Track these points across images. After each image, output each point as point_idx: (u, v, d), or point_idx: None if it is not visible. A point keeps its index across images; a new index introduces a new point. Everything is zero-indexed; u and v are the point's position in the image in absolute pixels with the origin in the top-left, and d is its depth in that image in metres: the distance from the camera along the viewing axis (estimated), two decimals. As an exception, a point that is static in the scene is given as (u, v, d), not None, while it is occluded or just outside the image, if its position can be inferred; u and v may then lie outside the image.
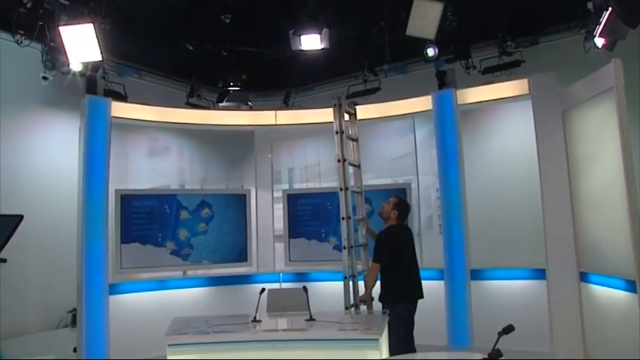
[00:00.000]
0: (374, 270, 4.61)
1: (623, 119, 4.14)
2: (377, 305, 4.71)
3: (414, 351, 4.58)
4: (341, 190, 4.93)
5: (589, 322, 4.82)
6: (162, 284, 5.82)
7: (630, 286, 4.08)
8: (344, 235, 4.82)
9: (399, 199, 4.96)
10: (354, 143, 5.31)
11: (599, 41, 4.61)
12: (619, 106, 4.16)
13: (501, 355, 2.37)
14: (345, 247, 4.82)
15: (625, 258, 4.12)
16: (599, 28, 4.46)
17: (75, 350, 5.14)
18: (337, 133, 5.01)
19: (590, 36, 4.73)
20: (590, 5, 4.64)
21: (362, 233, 5.22)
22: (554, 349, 4.92)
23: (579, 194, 4.97)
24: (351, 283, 4.79)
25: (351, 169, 5.20)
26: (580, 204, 4.96)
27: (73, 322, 5.84)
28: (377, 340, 3.68)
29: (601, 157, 4.57)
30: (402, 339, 4.39)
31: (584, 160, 4.90)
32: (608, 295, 4.46)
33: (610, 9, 4.16)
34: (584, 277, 4.88)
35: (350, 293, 4.76)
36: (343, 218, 4.86)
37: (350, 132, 5.31)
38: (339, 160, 4.97)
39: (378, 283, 4.65)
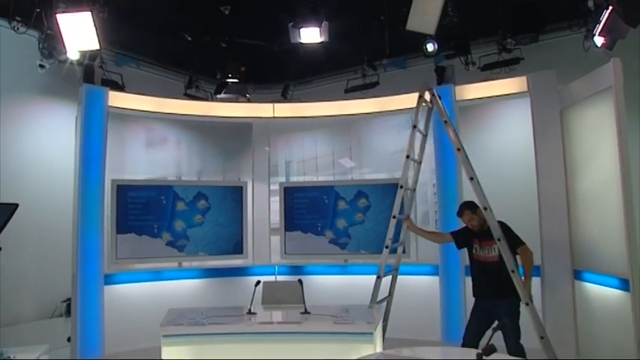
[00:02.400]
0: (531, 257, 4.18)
1: (621, 119, 4.15)
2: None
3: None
4: (401, 187, 4.67)
5: (582, 320, 4.85)
6: (157, 275, 5.82)
7: (624, 285, 4.11)
8: (389, 235, 4.65)
9: (466, 203, 4.44)
10: (423, 138, 5.01)
11: (599, 40, 4.61)
12: (617, 106, 4.16)
13: (495, 351, 2.38)
14: (387, 247, 4.64)
15: (619, 257, 4.15)
16: (599, 27, 4.46)
17: (69, 340, 5.14)
18: (414, 127, 4.70)
19: (590, 35, 4.73)
20: (590, 4, 4.63)
21: (403, 231, 5.00)
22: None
23: (575, 192, 4.99)
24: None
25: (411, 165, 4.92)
26: (576, 202, 4.98)
27: (68, 312, 5.85)
28: (371, 333, 3.70)
29: (598, 156, 4.59)
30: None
31: (581, 158, 4.91)
32: (602, 293, 4.49)
33: (610, 8, 4.15)
34: (578, 275, 4.91)
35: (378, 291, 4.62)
36: (394, 217, 4.66)
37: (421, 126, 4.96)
38: (407, 157, 4.67)
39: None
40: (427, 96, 4.76)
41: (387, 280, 4.93)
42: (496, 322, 2.77)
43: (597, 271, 4.57)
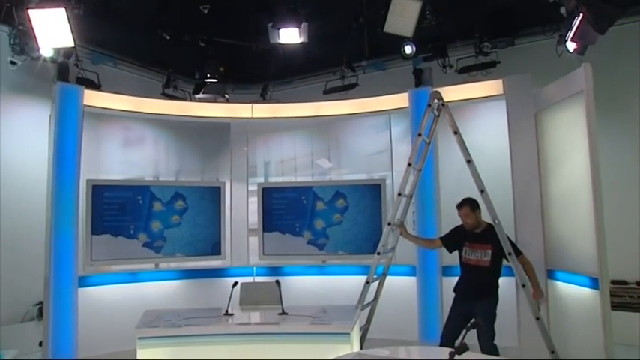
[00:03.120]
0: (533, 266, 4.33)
1: (591, 122, 4.26)
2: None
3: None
4: (399, 195, 4.72)
5: (554, 318, 4.96)
6: (133, 277, 5.73)
7: (593, 283, 4.22)
8: (382, 241, 4.72)
9: (470, 199, 4.46)
10: (426, 145, 5.04)
11: (571, 45, 4.72)
12: (588, 109, 4.28)
13: (467, 349, 2.42)
14: (378, 253, 4.71)
15: (589, 256, 4.26)
16: (571, 33, 4.57)
17: (40, 344, 5.03)
18: (419, 135, 4.75)
19: (562, 40, 4.84)
20: (563, 10, 4.74)
21: (396, 237, 5.02)
22: (520, 344, 5.06)
23: (549, 194, 5.10)
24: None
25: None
26: (549, 203, 5.09)
27: (40, 315, 5.71)
28: (348, 334, 3.72)
29: (570, 158, 4.70)
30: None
31: (554, 160, 5.02)
32: (573, 291, 4.60)
33: (581, 15, 4.26)
34: (551, 274, 5.02)
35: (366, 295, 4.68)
36: (389, 224, 4.72)
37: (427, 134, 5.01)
38: (409, 164, 4.73)
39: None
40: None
41: (373, 284, 5.00)
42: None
43: (569, 270, 4.68)
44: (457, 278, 4.56)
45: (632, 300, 5.64)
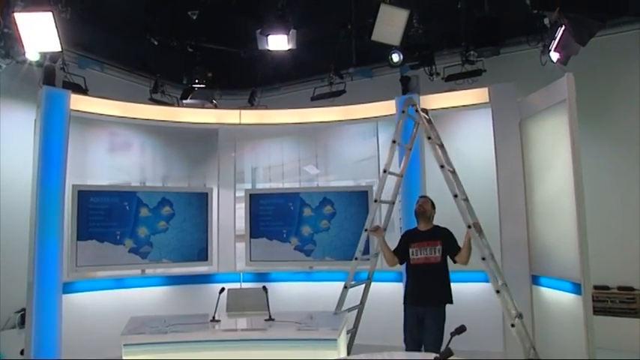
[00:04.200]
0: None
1: (574, 130, 4.35)
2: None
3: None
4: (375, 201, 4.77)
5: (538, 323, 5.03)
6: (119, 283, 5.68)
7: (576, 289, 4.30)
8: (360, 247, 4.74)
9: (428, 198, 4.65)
10: (407, 151, 5.10)
11: (555, 55, 4.82)
12: (571, 118, 4.37)
13: (452, 354, 2.45)
14: (356, 258, 4.74)
15: (572, 262, 4.33)
16: (555, 43, 4.67)
17: (22, 353, 4.96)
18: (393, 141, 4.77)
19: (546, 50, 4.94)
20: (546, 21, 4.84)
21: (375, 243, 5.02)
22: (505, 350, 5.11)
23: (533, 201, 5.17)
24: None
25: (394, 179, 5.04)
26: (533, 210, 5.16)
27: (22, 323, 5.62)
28: (335, 340, 3.73)
29: (553, 165, 4.78)
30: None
31: (538, 168, 5.11)
32: (557, 297, 4.67)
33: (563, 26, 4.35)
34: (535, 279, 5.09)
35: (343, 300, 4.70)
36: (366, 230, 4.72)
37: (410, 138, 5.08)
38: (384, 171, 4.78)
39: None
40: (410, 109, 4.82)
41: (359, 288, 5.02)
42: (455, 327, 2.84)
43: (553, 275, 4.75)
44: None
45: (614, 305, 5.74)
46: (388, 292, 5.65)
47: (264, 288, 4.31)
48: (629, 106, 6.04)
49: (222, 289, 4.35)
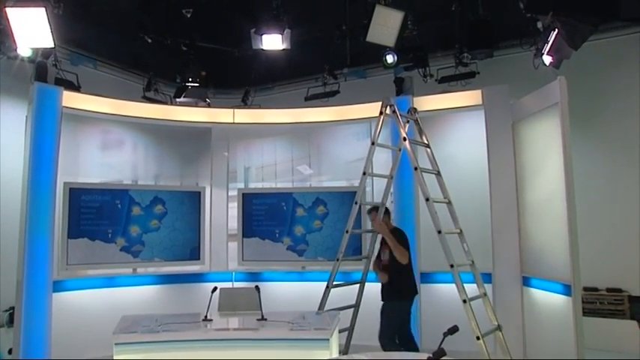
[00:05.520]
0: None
1: (566, 133, 4.40)
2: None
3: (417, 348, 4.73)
4: (355, 203, 4.85)
5: (529, 323, 5.07)
6: (111, 281, 5.65)
7: (566, 290, 4.34)
8: (341, 248, 4.86)
9: (375, 207, 5.01)
10: (397, 152, 5.14)
11: (547, 59, 4.86)
12: (563, 121, 4.41)
13: (444, 355, 2.46)
14: (337, 259, 4.88)
15: (563, 264, 4.37)
16: (547, 47, 4.71)
17: (10, 352, 4.91)
18: (372, 143, 4.86)
19: (539, 53, 4.98)
20: (539, 25, 4.88)
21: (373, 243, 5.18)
22: (496, 350, 5.14)
23: (525, 202, 5.21)
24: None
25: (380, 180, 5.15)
26: (525, 212, 5.20)
27: (10, 322, 5.55)
28: (327, 340, 3.73)
29: (545, 168, 4.82)
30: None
31: (530, 170, 5.15)
32: (547, 298, 4.71)
33: (556, 30, 4.39)
34: (526, 281, 5.13)
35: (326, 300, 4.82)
36: (347, 231, 4.85)
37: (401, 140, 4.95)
38: (364, 173, 4.86)
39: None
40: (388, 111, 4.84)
41: (354, 288, 5.09)
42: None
43: (543, 277, 4.79)
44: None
45: (603, 306, 5.80)
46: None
47: (257, 288, 4.30)
48: (621, 109, 6.10)
49: (215, 289, 4.33)
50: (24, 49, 5.05)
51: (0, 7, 4.57)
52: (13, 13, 4.42)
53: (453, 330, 2.71)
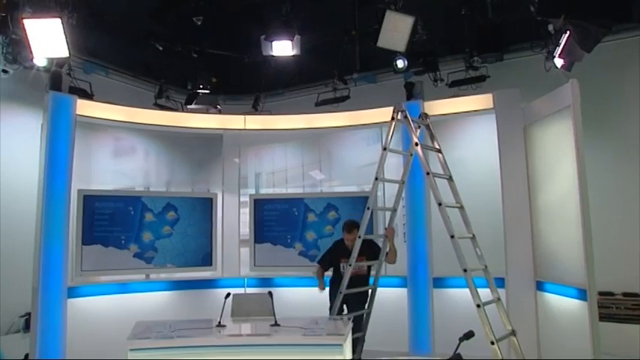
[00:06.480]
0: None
1: (578, 136, 4.36)
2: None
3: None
4: (368, 208, 4.80)
5: (543, 328, 5.02)
6: (124, 287, 5.68)
7: (581, 295, 4.29)
8: (354, 253, 4.75)
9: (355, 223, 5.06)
10: (409, 157, 5.10)
11: (559, 62, 4.84)
12: (575, 124, 4.38)
13: (461, 359, 2.45)
14: (350, 265, 4.81)
15: (578, 268, 4.32)
16: (559, 50, 4.69)
17: (27, 357, 4.95)
18: (384, 149, 4.85)
19: (550, 56, 4.96)
20: (550, 28, 4.86)
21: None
22: (510, 355, 5.09)
23: (537, 206, 5.18)
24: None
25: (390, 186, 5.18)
26: (538, 215, 5.16)
27: (26, 327, 5.62)
28: (341, 345, 3.72)
29: (558, 171, 4.79)
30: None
31: (542, 173, 5.11)
32: (562, 303, 4.66)
33: (568, 33, 4.37)
34: (540, 285, 5.08)
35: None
36: (359, 237, 4.80)
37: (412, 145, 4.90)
38: (376, 178, 4.83)
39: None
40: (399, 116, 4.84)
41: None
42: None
43: (558, 281, 4.74)
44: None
45: (619, 311, 5.72)
46: (392, 298, 5.66)
47: (270, 293, 4.31)
48: (634, 112, 6.04)
49: (228, 295, 4.34)
50: (40, 59, 5.13)
51: (17, 19, 4.66)
52: (30, 24, 4.49)
53: (469, 335, 2.70)
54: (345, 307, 4.89)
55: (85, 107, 5.52)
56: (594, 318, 4.14)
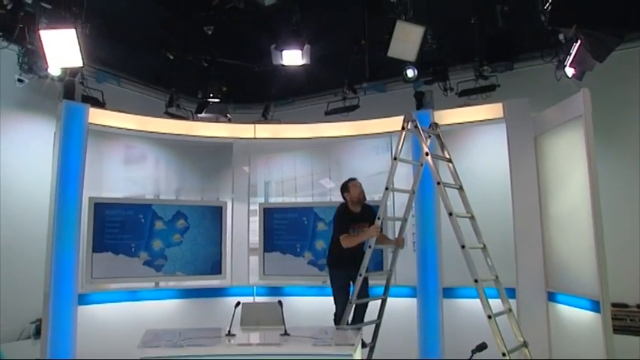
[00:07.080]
0: None
1: (590, 146, 4.33)
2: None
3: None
4: (378, 218, 4.84)
5: (555, 340, 4.95)
6: (134, 295, 5.70)
7: (595, 306, 4.23)
8: (364, 263, 4.78)
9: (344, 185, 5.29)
10: (419, 167, 5.15)
11: (570, 71, 4.82)
12: (587, 134, 4.35)
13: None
14: (360, 275, 4.83)
15: (590, 279, 4.28)
16: (570, 59, 4.66)
17: (37, 363, 4.99)
18: (394, 159, 4.90)
19: (561, 65, 4.94)
20: (561, 36, 4.85)
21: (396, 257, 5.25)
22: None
23: (549, 216, 5.13)
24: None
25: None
26: (549, 225, 5.12)
27: (37, 334, 5.65)
28: (351, 355, 3.70)
29: (570, 181, 4.75)
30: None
31: (554, 183, 5.08)
32: (574, 314, 4.61)
33: (579, 42, 4.35)
34: (551, 296, 5.03)
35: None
36: (370, 246, 4.84)
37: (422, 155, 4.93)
38: (386, 188, 4.86)
39: None
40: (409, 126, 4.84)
41: (376, 303, 5.07)
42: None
43: (570, 292, 4.69)
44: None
45: (634, 323, 5.63)
46: (401, 307, 5.63)
47: (280, 302, 4.30)
48: (646, 121, 6.00)
49: (238, 303, 4.34)
50: (54, 69, 5.20)
51: (33, 30, 4.75)
52: (46, 35, 4.58)
53: (482, 347, 2.68)
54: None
55: (97, 116, 5.57)
56: (608, 330, 4.08)
